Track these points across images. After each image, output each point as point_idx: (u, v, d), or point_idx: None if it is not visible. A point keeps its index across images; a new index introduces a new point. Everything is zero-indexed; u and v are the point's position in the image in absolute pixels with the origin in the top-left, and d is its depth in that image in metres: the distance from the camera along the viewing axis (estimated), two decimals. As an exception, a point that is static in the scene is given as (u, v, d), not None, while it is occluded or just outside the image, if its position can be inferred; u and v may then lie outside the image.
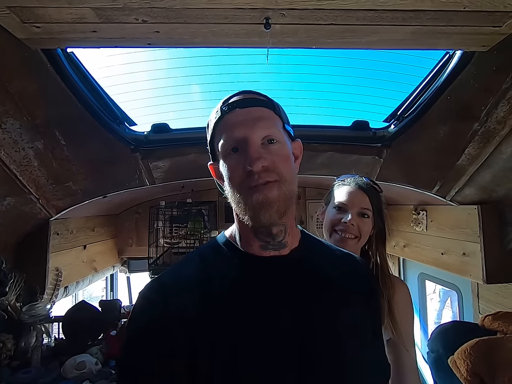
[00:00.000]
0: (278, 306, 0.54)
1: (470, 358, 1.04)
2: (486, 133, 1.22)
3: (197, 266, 0.59)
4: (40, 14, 0.84)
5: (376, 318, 0.63)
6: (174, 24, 0.91)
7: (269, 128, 0.56)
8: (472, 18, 0.89)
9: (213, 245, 0.64)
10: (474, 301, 1.64)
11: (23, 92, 1.07)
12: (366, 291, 0.62)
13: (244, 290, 0.55)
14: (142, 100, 1.57)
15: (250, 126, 0.55)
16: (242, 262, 0.58)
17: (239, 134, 0.55)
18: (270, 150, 0.56)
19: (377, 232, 0.98)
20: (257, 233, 0.57)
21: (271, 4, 0.83)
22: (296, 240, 0.62)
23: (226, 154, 0.57)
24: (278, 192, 0.53)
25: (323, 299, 0.57)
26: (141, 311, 0.55)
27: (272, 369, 0.50)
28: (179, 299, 0.53)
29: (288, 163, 0.58)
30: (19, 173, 1.26)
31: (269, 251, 0.58)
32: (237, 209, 0.56)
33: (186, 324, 0.51)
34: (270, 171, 0.54)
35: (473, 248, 1.50)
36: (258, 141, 0.55)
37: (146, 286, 0.57)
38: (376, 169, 1.63)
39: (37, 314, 1.28)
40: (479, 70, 1.11)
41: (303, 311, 0.54)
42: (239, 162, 0.55)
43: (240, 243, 0.60)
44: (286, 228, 0.58)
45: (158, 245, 2.06)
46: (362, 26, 0.92)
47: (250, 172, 0.53)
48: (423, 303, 2.31)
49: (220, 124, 0.58)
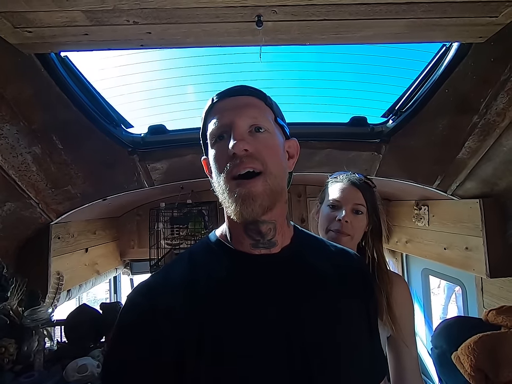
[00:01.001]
0: (267, 305, 0.52)
1: (474, 354, 1.03)
2: (486, 125, 1.21)
3: (186, 266, 0.58)
4: (31, 18, 0.84)
5: (372, 313, 0.62)
6: (165, 25, 0.91)
7: (257, 115, 0.56)
8: (468, 9, 0.88)
9: (204, 244, 0.63)
10: (478, 295, 1.63)
11: (19, 97, 1.07)
12: (361, 286, 0.61)
13: (233, 289, 0.54)
14: (138, 102, 1.58)
15: (236, 111, 0.55)
16: (232, 260, 0.58)
17: (225, 120, 0.55)
18: (257, 137, 0.54)
19: (372, 227, 0.97)
20: (247, 231, 0.56)
21: (262, 0, 0.82)
22: (288, 238, 0.61)
23: (213, 142, 0.56)
24: (262, 187, 0.52)
25: (315, 297, 0.56)
26: (127, 314, 0.54)
27: (261, 369, 0.49)
28: (167, 300, 0.52)
29: (276, 155, 0.56)
30: (18, 178, 1.27)
31: (259, 249, 0.57)
32: (222, 200, 0.55)
33: (173, 325, 0.50)
34: (254, 158, 0.52)
35: (476, 242, 1.49)
36: (244, 127, 0.54)
37: (133, 290, 0.57)
38: (375, 165, 1.62)
39: (39, 318, 1.29)
40: (477, 61, 1.09)
41: (293, 309, 0.53)
42: (223, 148, 0.53)
43: (231, 241, 0.59)
44: (275, 226, 0.57)
45: (159, 247, 2.06)
46: (356, 20, 0.91)
47: (233, 155, 0.52)
48: (427, 298, 2.29)
49: (209, 114, 0.59)
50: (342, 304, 0.57)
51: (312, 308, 0.54)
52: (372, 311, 0.63)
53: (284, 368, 0.49)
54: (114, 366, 0.50)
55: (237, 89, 0.59)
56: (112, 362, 0.51)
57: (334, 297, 0.57)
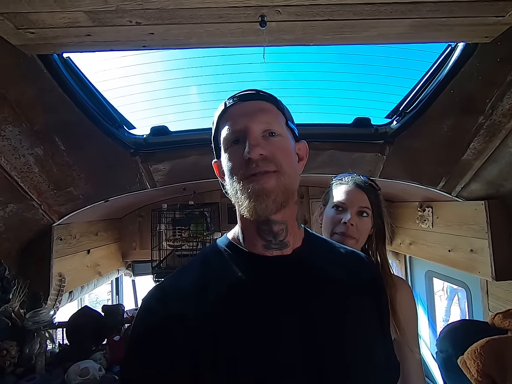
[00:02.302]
0: (280, 309, 0.52)
1: (481, 358, 1.01)
2: (492, 126, 1.19)
3: (199, 270, 0.58)
4: (33, 19, 0.84)
5: (384, 317, 0.62)
6: (168, 25, 0.90)
7: (270, 120, 0.57)
8: (474, 8, 0.87)
9: (215, 248, 0.63)
10: (483, 298, 1.61)
11: (21, 99, 1.07)
12: (373, 289, 0.61)
13: (246, 294, 0.54)
14: (140, 103, 1.57)
15: (250, 116, 0.55)
16: (246, 262, 0.58)
17: (239, 125, 0.55)
18: (271, 141, 0.55)
19: (376, 231, 0.96)
20: (259, 232, 0.56)
21: (266, 1, 0.81)
22: (299, 240, 0.61)
23: (227, 147, 0.57)
24: (276, 182, 0.53)
25: (327, 299, 0.55)
26: (143, 321, 0.54)
27: (277, 375, 0.49)
28: (181, 306, 0.52)
29: (289, 157, 0.58)
30: (20, 180, 1.27)
31: (271, 250, 0.57)
32: (235, 200, 0.56)
33: (187, 333, 0.50)
34: (269, 161, 0.53)
35: (481, 244, 1.47)
36: (258, 132, 0.55)
37: (148, 294, 0.57)
38: (379, 166, 1.61)
39: (41, 320, 1.28)
40: (483, 62, 1.08)
41: (307, 312, 0.53)
42: (238, 152, 0.54)
43: (244, 243, 0.60)
44: (287, 226, 0.57)
45: (161, 248, 2.06)
46: (360, 20, 0.90)
47: (248, 160, 0.52)
48: (431, 301, 2.27)
49: (222, 118, 0.60)
50: (355, 307, 0.57)
51: (326, 311, 0.54)
52: (384, 314, 0.62)
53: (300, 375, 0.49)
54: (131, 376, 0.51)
55: (250, 94, 0.60)
56: (129, 372, 0.52)
57: (347, 300, 0.57)
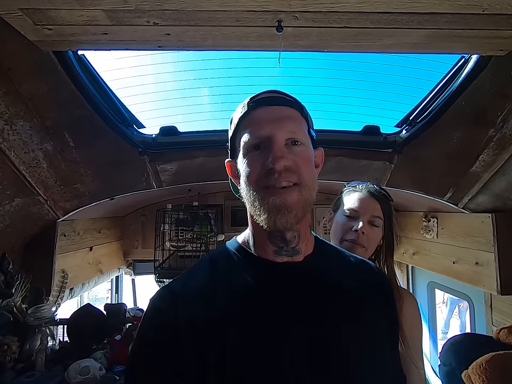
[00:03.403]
0: (290, 319, 0.52)
1: (486, 373, 1.00)
2: (502, 139, 1.19)
3: (208, 275, 0.57)
4: (52, 16, 0.84)
5: (394, 329, 0.61)
6: (185, 27, 0.90)
7: (295, 129, 0.55)
8: (491, 21, 0.87)
9: (225, 251, 0.62)
10: (487, 312, 1.59)
11: (34, 94, 1.07)
12: (383, 300, 0.60)
13: (255, 300, 0.53)
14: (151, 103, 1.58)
15: (276, 124, 0.54)
16: (255, 267, 0.57)
17: (264, 132, 0.54)
18: (294, 151, 0.54)
19: (386, 242, 0.95)
20: (271, 238, 0.56)
21: (284, 6, 0.82)
22: (310, 247, 0.60)
23: (247, 151, 0.55)
24: (298, 197, 0.52)
25: (337, 309, 0.54)
26: (151, 321, 0.54)
27: (284, 380, 0.48)
28: (190, 310, 0.52)
29: (310, 167, 0.57)
30: (28, 174, 1.27)
31: (282, 257, 0.56)
32: (251, 209, 0.55)
33: (195, 336, 0.49)
34: (291, 172, 0.52)
35: (487, 257, 1.46)
36: (282, 141, 0.54)
37: (156, 294, 0.56)
38: (386, 175, 1.60)
39: (42, 316, 1.27)
40: (496, 74, 1.08)
41: (317, 322, 0.52)
42: (259, 160, 0.53)
43: (254, 248, 0.59)
44: (299, 234, 0.56)
45: (164, 248, 2.05)
46: (377, 29, 0.91)
47: (270, 170, 0.51)
48: (432, 312, 2.25)
49: (245, 120, 0.57)
50: (366, 317, 0.56)
51: (337, 323, 0.53)
52: (395, 327, 0.61)
53: None
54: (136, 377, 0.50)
55: (276, 98, 0.58)
56: (134, 372, 0.51)
57: (358, 310, 0.56)
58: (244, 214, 0.61)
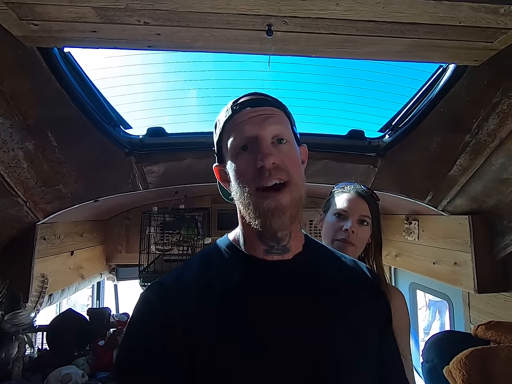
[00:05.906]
0: (279, 313, 0.52)
1: (466, 368, 1.04)
2: (477, 144, 1.25)
3: (199, 271, 0.58)
4: (39, 11, 0.82)
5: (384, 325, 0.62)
6: (175, 27, 0.90)
7: (279, 127, 0.56)
8: (467, 33, 0.92)
9: (215, 249, 0.62)
10: (465, 310, 1.66)
11: (16, 91, 1.04)
12: (373, 298, 0.61)
13: (246, 296, 0.54)
14: (138, 103, 1.56)
15: (261, 124, 0.55)
16: (245, 265, 0.57)
17: (250, 132, 0.55)
18: (280, 149, 0.55)
19: (374, 240, 0.99)
20: (261, 237, 0.56)
21: (274, 11, 0.84)
22: (300, 245, 0.61)
23: (235, 153, 0.56)
24: (290, 197, 0.53)
25: (327, 306, 0.55)
26: (142, 314, 0.53)
27: (272, 378, 0.49)
28: (180, 304, 0.52)
29: (297, 164, 0.58)
30: (6, 174, 1.21)
31: (272, 255, 0.57)
32: (245, 212, 0.55)
33: (186, 331, 0.50)
34: (280, 170, 0.53)
35: (465, 257, 1.52)
36: (269, 139, 0.55)
37: (147, 289, 0.56)
38: (370, 178, 1.65)
39: (20, 323, 1.21)
40: (471, 83, 1.14)
41: (306, 318, 0.53)
42: (249, 160, 0.54)
43: (244, 246, 0.59)
44: (290, 232, 0.57)
45: (149, 252, 2.01)
46: (362, 36, 0.94)
47: (261, 168, 0.52)
48: (414, 313, 2.32)
49: (229, 123, 0.58)
50: (355, 315, 0.57)
51: (325, 318, 0.54)
52: (384, 323, 0.62)
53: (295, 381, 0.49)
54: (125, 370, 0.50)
55: (259, 99, 0.59)
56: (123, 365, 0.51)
57: (347, 307, 0.57)
58: (230, 217, 0.62)
